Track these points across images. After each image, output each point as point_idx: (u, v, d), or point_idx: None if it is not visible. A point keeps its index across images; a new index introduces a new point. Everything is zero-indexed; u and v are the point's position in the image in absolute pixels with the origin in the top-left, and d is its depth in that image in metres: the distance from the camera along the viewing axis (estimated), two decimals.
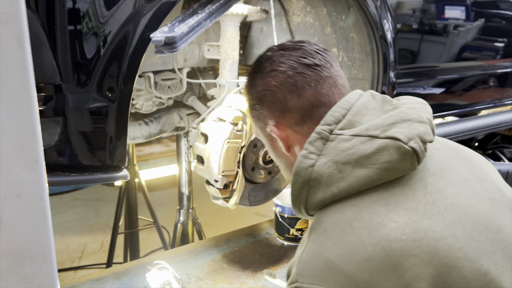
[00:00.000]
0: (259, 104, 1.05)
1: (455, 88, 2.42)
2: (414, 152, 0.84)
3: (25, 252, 0.68)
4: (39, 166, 0.66)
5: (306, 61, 0.98)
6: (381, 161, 0.84)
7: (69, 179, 1.47)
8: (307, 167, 0.90)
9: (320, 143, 0.90)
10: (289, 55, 1.01)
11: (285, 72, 0.99)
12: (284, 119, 1.01)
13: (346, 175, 0.86)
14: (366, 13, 1.81)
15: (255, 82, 1.05)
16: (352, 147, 0.87)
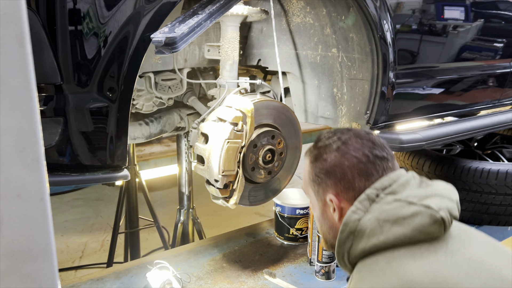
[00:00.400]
0: (326, 175, 1.20)
1: (455, 89, 2.42)
2: (443, 221, 1.02)
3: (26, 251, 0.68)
4: (39, 166, 0.66)
5: (377, 152, 1.17)
6: (415, 223, 1.02)
7: (70, 179, 1.47)
8: (354, 220, 1.09)
9: (367, 203, 1.10)
10: (363, 144, 1.19)
11: (358, 158, 1.16)
12: (346, 194, 1.17)
13: (385, 230, 1.05)
14: (366, 13, 1.82)
15: (327, 157, 1.20)
16: (393, 209, 1.06)
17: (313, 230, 1.97)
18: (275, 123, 1.81)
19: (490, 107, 2.70)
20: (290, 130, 1.88)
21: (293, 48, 2.20)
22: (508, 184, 2.32)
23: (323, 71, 2.14)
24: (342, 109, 2.13)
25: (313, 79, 2.20)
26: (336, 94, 2.13)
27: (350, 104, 2.08)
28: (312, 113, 2.28)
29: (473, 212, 2.41)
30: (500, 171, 2.33)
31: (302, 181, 1.33)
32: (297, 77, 2.26)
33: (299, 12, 2.07)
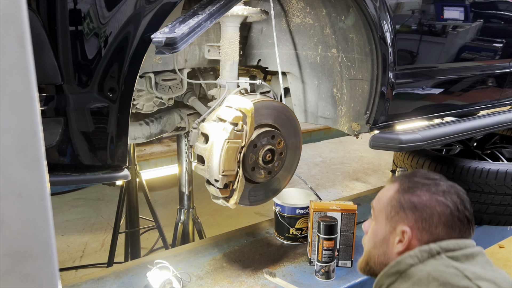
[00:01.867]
0: (411, 209, 1.23)
1: (454, 89, 2.42)
2: None
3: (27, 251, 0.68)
4: (40, 166, 0.66)
5: (467, 214, 1.22)
6: None
7: (70, 179, 1.47)
8: (408, 263, 1.15)
9: (426, 255, 1.15)
10: (459, 200, 1.22)
11: (451, 211, 1.20)
12: (420, 234, 1.21)
13: (431, 286, 1.07)
14: (366, 14, 1.82)
15: (421, 193, 1.24)
16: (447, 273, 1.09)
17: (313, 230, 1.97)
18: (275, 123, 1.82)
19: (490, 107, 2.70)
20: (290, 130, 1.89)
21: (293, 49, 2.20)
22: (507, 184, 2.32)
23: (323, 71, 2.14)
24: (342, 109, 2.13)
25: (313, 79, 2.20)
26: (336, 94, 2.13)
27: (350, 104, 2.08)
28: (312, 113, 2.28)
29: (473, 212, 2.41)
30: (499, 171, 2.33)
31: (376, 199, 1.35)
32: (297, 77, 2.26)
33: (299, 13, 2.07)
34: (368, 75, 1.96)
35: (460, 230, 1.20)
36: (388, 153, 3.65)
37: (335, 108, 2.16)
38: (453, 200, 1.21)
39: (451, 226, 1.19)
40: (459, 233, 1.20)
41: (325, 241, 1.86)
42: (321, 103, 2.22)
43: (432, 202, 1.21)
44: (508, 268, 3.84)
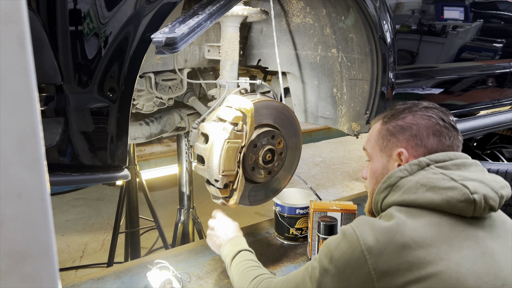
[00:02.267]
0: (400, 131, 1.29)
1: (454, 89, 2.42)
2: (474, 202, 1.08)
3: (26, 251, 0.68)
4: (40, 166, 0.66)
5: (452, 122, 1.28)
6: (446, 194, 1.11)
7: (70, 179, 1.48)
8: (397, 176, 1.21)
9: (416, 168, 1.20)
10: (440, 112, 1.29)
11: (436, 120, 1.26)
12: (415, 151, 1.26)
13: (419, 193, 1.14)
14: (366, 14, 1.82)
15: (405, 115, 1.30)
16: (434, 179, 1.15)
17: (312, 230, 1.97)
18: (275, 123, 1.82)
19: (490, 107, 2.70)
20: (290, 130, 1.89)
21: (293, 49, 2.20)
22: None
23: (323, 71, 2.14)
24: (342, 109, 2.13)
25: (313, 79, 2.20)
26: (336, 94, 2.13)
27: (349, 104, 2.08)
28: (312, 113, 2.28)
29: None
30: (499, 171, 2.33)
31: (366, 141, 1.41)
32: (297, 77, 2.26)
33: (299, 13, 2.07)
34: (368, 75, 1.96)
35: (449, 137, 1.26)
36: None
37: (335, 108, 2.16)
38: (435, 113, 1.28)
39: (440, 134, 1.25)
40: (449, 139, 1.25)
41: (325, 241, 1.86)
42: (321, 103, 2.22)
43: (416, 119, 1.28)
44: None
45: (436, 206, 1.12)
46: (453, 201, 1.10)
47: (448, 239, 1.08)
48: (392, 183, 1.21)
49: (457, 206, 1.10)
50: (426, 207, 1.13)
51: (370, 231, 1.11)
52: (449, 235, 1.09)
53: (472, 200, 1.09)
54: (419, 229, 1.09)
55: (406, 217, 1.12)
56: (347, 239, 1.14)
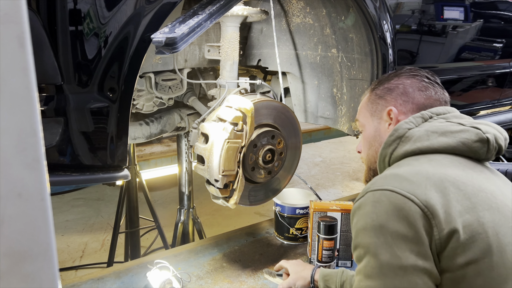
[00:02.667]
0: (387, 92, 1.33)
1: (454, 89, 2.42)
2: (488, 140, 1.13)
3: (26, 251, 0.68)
4: (40, 166, 0.66)
5: (436, 80, 1.33)
6: (461, 136, 1.14)
7: (70, 179, 1.48)
8: (405, 128, 1.21)
9: (421, 120, 1.22)
10: (425, 72, 1.34)
11: (420, 78, 1.31)
12: (404, 107, 1.30)
13: (432, 138, 1.16)
14: (366, 14, 1.82)
15: (390, 78, 1.36)
16: (443, 126, 1.18)
17: (312, 230, 1.97)
18: (275, 123, 1.82)
19: (490, 107, 2.70)
20: (290, 130, 1.89)
21: (293, 49, 2.20)
22: None
23: (323, 71, 2.14)
24: (342, 109, 2.13)
25: (313, 79, 2.20)
26: (336, 94, 2.13)
27: (349, 104, 2.08)
28: (312, 113, 2.28)
29: None
30: (499, 171, 2.33)
31: (358, 112, 1.45)
32: (297, 77, 2.26)
33: (299, 13, 2.07)
34: (368, 75, 1.96)
35: (435, 92, 1.30)
36: None
37: (335, 108, 2.16)
38: (419, 72, 1.34)
39: (426, 89, 1.30)
40: (435, 94, 1.30)
41: (325, 241, 1.86)
42: (321, 103, 2.22)
43: (401, 79, 1.33)
44: None
45: (453, 149, 1.14)
46: (468, 141, 1.13)
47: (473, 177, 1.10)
48: (400, 135, 1.21)
49: (473, 146, 1.13)
50: (442, 151, 1.14)
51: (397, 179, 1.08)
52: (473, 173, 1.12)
53: (486, 139, 1.13)
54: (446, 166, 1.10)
55: (426, 160, 1.13)
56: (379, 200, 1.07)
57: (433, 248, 1.01)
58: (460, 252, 1.00)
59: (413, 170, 1.10)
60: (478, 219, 1.02)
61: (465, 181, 1.07)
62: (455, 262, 1.00)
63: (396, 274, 1.01)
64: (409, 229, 1.01)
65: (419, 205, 1.01)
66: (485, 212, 1.03)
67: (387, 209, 1.04)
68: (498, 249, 1.00)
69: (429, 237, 1.01)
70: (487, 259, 0.99)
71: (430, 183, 1.05)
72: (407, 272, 1.00)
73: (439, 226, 1.00)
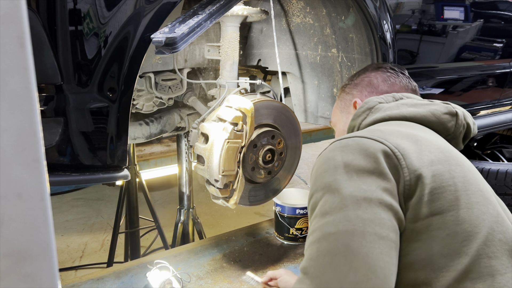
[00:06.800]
0: (353, 87, 1.38)
1: (454, 89, 2.42)
2: (456, 114, 1.15)
3: (26, 251, 0.68)
4: (40, 166, 0.66)
5: (401, 70, 1.38)
6: (431, 108, 1.16)
7: (70, 179, 1.47)
8: (375, 101, 1.23)
9: (391, 99, 1.24)
10: (391, 64, 1.39)
11: (384, 69, 1.36)
12: (369, 97, 1.29)
13: (402, 109, 1.17)
14: (366, 14, 1.82)
15: (357, 75, 1.41)
16: (413, 100, 1.21)
17: None
18: (275, 123, 1.82)
19: (490, 107, 2.70)
20: (290, 130, 1.89)
21: (293, 48, 2.20)
22: (507, 184, 2.32)
23: (323, 71, 2.14)
24: None
25: (313, 79, 2.20)
26: (336, 94, 2.13)
27: None
28: (312, 113, 2.28)
29: None
30: (499, 171, 2.33)
31: (332, 115, 1.49)
32: (297, 77, 2.26)
33: (299, 13, 2.07)
34: None
35: (400, 80, 1.34)
36: None
37: None
38: (385, 65, 1.39)
39: (389, 79, 1.34)
40: (400, 82, 1.34)
41: None
42: (321, 103, 2.22)
43: (367, 73, 1.39)
44: None
45: (422, 117, 1.14)
46: (437, 112, 1.15)
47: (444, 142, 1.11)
48: (370, 106, 1.22)
49: (442, 117, 1.14)
50: (412, 120, 1.15)
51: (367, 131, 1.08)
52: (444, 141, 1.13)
53: (455, 112, 1.15)
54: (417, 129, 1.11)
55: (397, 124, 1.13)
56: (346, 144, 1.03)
57: (401, 191, 0.95)
58: (427, 201, 0.95)
59: (383, 127, 1.10)
60: (449, 171, 0.98)
61: (436, 140, 1.07)
62: (421, 211, 0.94)
63: (359, 205, 0.91)
64: (377, 165, 0.96)
65: (389, 146, 0.98)
66: (456, 167, 1.00)
67: (353, 149, 0.99)
68: (466, 205, 0.96)
69: (397, 179, 0.96)
70: (453, 211, 0.95)
71: (401, 135, 1.03)
72: (371, 203, 0.91)
73: (410, 167, 0.96)
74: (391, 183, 0.95)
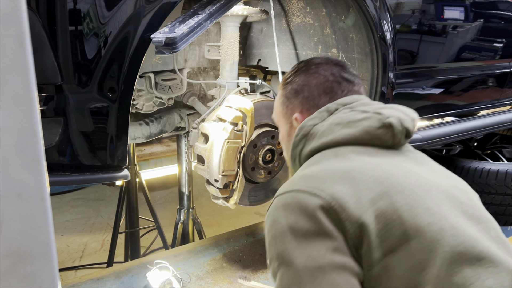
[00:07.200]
0: (294, 95, 1.26)
1: (454, 89, 2.42)
2: (390, 126, 1.07)
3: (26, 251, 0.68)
4: (40, 166, 0.66)
5: (345, 75, 1.24)
6: (364, 125, 1.09)
7: (70, 179, 1.47)
8: (310, 125, 1.16)
9: (326, 114, 1.17)
10: (333, 66, 1.26)
11: (325, 77, 1.23)
12: (309, 113, 1.22)
13: (336, 131, 1.11)
14: (366, 14, 1.82)
15: (297, 77, 1.27)
16: (346, 116, 1.13)
17: None
18: None
19: (490, 107, 2.70)
20: None
21: (293, 48, 2.20)
22: (507, 184, 2.32)
23: None
24: None
25: None
26: None
27: None
28: None
29: None
30: (499, 171, 2.33)
31: (273, 110, 1.38)
32: None
33: (299, 12, 2.07)
34: (368, 75, 1.96)
35: (342, 90, 1.23)
36: None
37: None
38: (325, 70, 1.25)
39: (330, 91, 1.22)
40: (342, 93, 1.23)
41: None
42: None
43: (307, 79, 1.25)
44: None
45: (357, 139, 1.09)
46: (371, 129, 1.08)
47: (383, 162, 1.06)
48: (305, 133, 1.17)
49: (376, 133, 1.08)
50: (347, 143, 1.10)
51: (304, 178, 1.03)
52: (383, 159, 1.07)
53: (389, 123, 1.07)
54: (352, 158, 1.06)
55: (332, 155, 1.09)
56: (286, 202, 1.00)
57: (351, 243, 0.95)
58: (377, 244, 0.93)
59: (319, 167, 1.06)
60: (392, 204, 0.96)
61: (374, 167, 1.02)
62: (374, 256, 0.94)
63: (314, 277, 0.92)
64: (320, 225, 0.95)
65: (326, 200, 0.96)
66: (398, 196, 0.97)
67: (294, 209, 0.98)
68: (415, 234, 0.93)
69: (343, 231, 0.95)
70: (405, 245, 0.93)
71: (336, 176, 1.00)
72: (325, 271, 0.91)
73: (351, 218, 0.94)
74: (338, 239, 0.95)
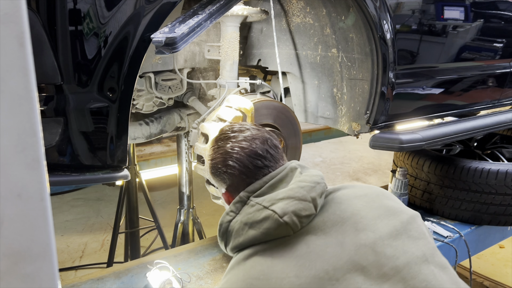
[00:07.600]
0: (219, 176, 1.29)
1: (454, 89, 2.42)
2: (287, 224, 1.09)
3: (26, 251, 0.68)
4: (40, 166, 0.66)
5: (258, 163, 1.24)
6: (263, 227, 1.12)
7: (70, 179, 1.47)
8: (227, 221, 1.20)
9: (240, 205, 1.20)
10: (254, 143, 1.27)
11: (245, 162, 1.24)
12: (233, 196, 1.26)
13: (244, 233, 1.15)
14: (366, 14, 1.82)
15: (220, 157, 1.28)
16: (251, 213, 1.15)
17: None
18: (275, 123, 1.81)
19: (490, 107, 2.70)
20: (290, 130, 1.88)
21: (293, 48, 2.20)
22: (507, 184, 2.32)
23: (323, 71, 2.14)
24: (342, 109, 2.13)
25: (313, 79, 2.20)
26: (336, 94, 2.13)
27: (350, 104, 2.08)
28: (312, 113, 2.28)
29: (473, 212, 2.41)
30: (500, 171, 2.33)
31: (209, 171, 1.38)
32: (297, 77, 2.26)
33: (299, 12, 2.07)
34: (368, 75, 1.96)
35: (262, 168, 1.24)
36: (389, 153, 3.66)
37: (335, 108, 2.16)
38: (246, 152, 1.25)
39: (252, 176, 1.23)
40: (262, 172, 1.24)
41: None
42: (321, 103, 2.22)
43: (230, 162, 1.26)
44: (509, 268, 3.84)
45: (261, 240, 1.13)
46: (270, 231, 1.11)
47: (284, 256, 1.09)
48: (224, 230, 1.20)
49: (276, 233, 1.11)
50: (254, 244, 1.13)
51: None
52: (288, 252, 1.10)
53: (284, 224, 1.10)
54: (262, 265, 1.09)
55: (243, 258, 1.13)
56: None
57: None
58: None
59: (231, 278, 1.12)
60: None
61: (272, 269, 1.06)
62: None
63: None
64: None
65: None
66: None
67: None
68: None
69: None
70: None
71: None
72: None
73: None
74: None
